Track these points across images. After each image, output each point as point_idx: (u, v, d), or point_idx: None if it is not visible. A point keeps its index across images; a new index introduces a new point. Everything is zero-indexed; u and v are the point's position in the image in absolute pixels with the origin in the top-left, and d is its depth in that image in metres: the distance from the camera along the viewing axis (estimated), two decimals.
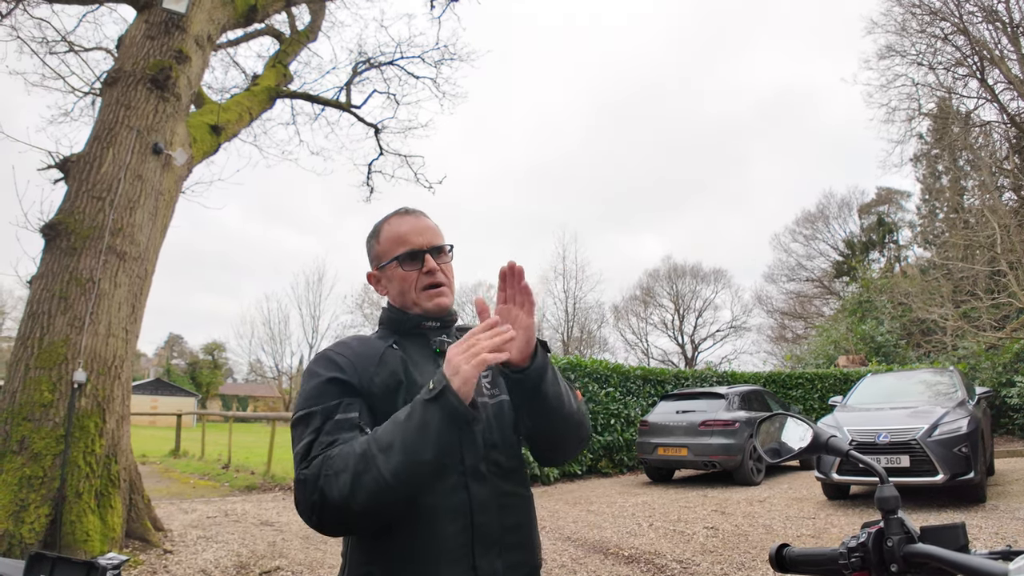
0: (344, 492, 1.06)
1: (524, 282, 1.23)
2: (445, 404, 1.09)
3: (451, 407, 1.09)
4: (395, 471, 1.06)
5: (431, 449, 1.08)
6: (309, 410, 1.19)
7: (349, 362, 1.25)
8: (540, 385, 1.22)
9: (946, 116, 22.31)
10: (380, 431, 1.12)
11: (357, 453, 1.09)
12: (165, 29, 6.11)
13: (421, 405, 1.11)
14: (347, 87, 10.82)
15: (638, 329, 45.50)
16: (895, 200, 35.37)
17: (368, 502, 1.06)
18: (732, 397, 10.40)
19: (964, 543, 0.96)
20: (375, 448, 1.08)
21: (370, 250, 1.44)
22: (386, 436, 1.10)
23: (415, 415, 1.10)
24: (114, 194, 5.45)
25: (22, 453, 4.66)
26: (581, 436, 1.37)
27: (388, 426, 1.12)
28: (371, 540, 1.20)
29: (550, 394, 1.24)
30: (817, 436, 1.19)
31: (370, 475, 1.06)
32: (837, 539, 5.83)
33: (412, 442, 1.08)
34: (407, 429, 1.09)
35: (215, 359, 55.97)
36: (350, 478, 1.06)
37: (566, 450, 1.38)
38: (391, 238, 1.37)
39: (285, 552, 5.66)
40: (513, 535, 1.26)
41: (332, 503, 1.06)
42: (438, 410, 1.09)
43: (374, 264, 1.43)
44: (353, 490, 1.06)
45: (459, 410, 1.09)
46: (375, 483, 1.06)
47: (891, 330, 22.29)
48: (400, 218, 1.41)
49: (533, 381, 1.22)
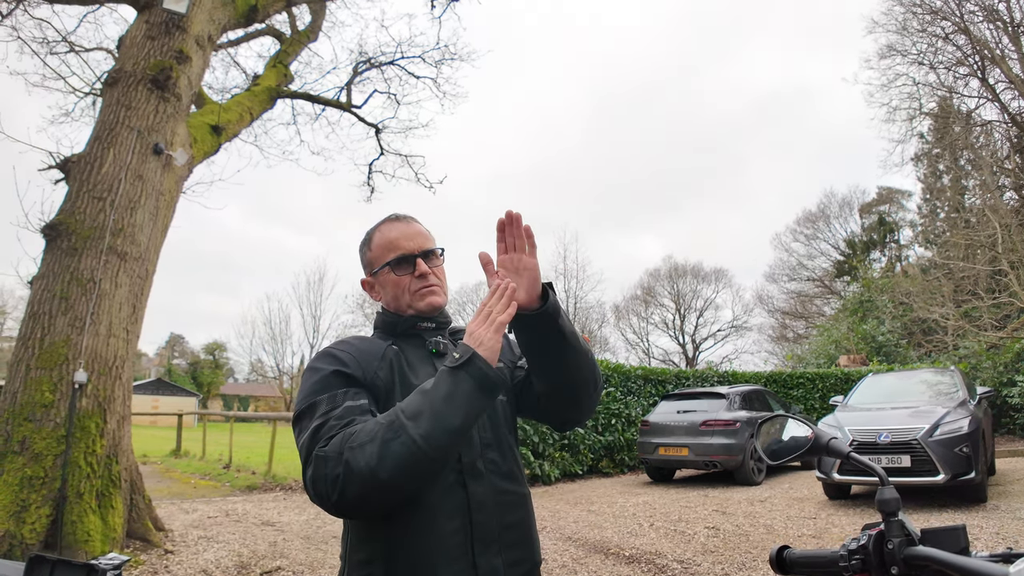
0: (372, 462, 1.05)
1: (525, 225, 1.25)
2: (474, 371, 1.12)
3: (480, 373, 1.12)
4: (426, 435, 1.06)
5: (460, 415, 1.10)
6: (313, 400, 1.19)
7: (352, 357, 1.26)
8: (557, 320, 1.24)
9: (947, 115, 22.29)
10: (405, 403, 1.13)
11: (383, 424, 1.09)
12: (166, 29, 6.11)
13: (448, 373, 1.13)
14: (348, 87, 10.82)
15: (639, 329, 45.54)
16: (896, 199, 35.38)
17: (396, 470, 1.05)
18: (733, 397, 10.40)
19: (965, 545, 0.96)
20: (403, 417, 1.09)
21: (363, 257, 1.47)
22: (413, 406, 1.11)
23: (442, 384, 1.12)
24: (115, 194, 5.45)
25: (23, 453, 4.67)
26: (597, 379, 1.37)
27: (414, 397, 1.13)
28: (370, 540, 1.20)
29: (567, 331, 1.26)
30: (818, 438, 1.19)
31: (399, 440, 1.06)
32: (838, 539, 5.83)
33: (441, 409, 1.09)
34: (435, 398, 1.10)
35: (216, 359, 56.02)
36: (378, 447, 1.06)
37: (586, 399, 1.37)
38: (382, 244, 1.40)
39: (286, 552, 5.66)
40: (512, 533, 1.27)
41: (358, 473, 1.05)
42: (467, 377, 1.11)
43: (367, 271, 1.46)
44: (382, 457, 1.05)
45: (489, 375, 1.12)
46: (405, 448, 1.05)
47: (892, 330, 22.27)
48: (390, 224, 1.43)
49: (550, 317, 1.23)
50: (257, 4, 7.53)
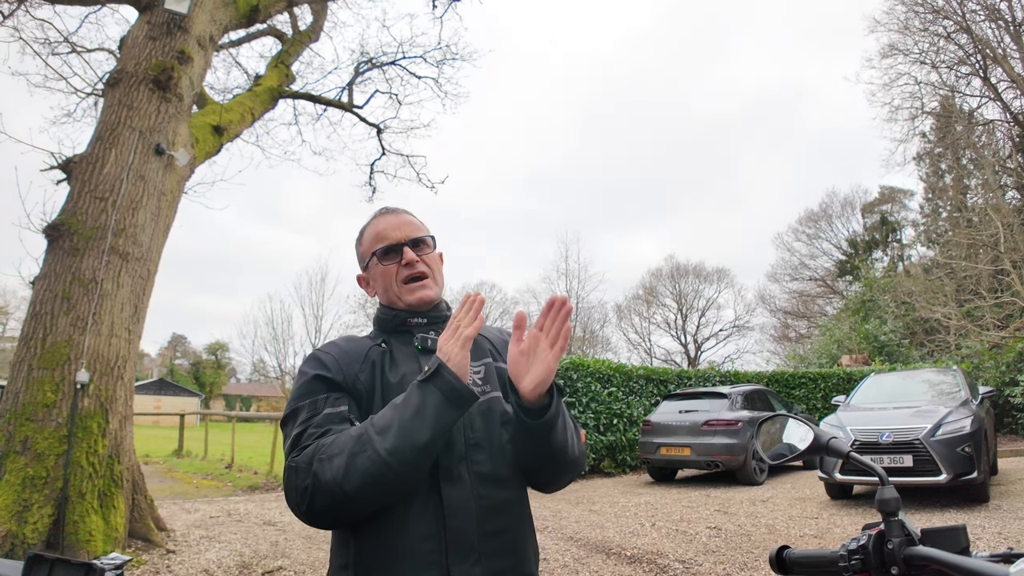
0: (338, 474, 1.06)
1: (567, 323, 1.20)
2: (441, 384, 1.11)
3: (448, 386, 1.11)
4: (391, 449, 1.07)
5: (427, 430, 1.09)
6: (296, 406, 1.21)
7: (334, 360, 1.26)
8: (548, 435, 1.20)
9: (949, 115, 22.26)
10: (377, 416, 1.13)
11: (353, 436, 1.10)
12: (167, 30, 6.12)
13: (417, 387, 1.13)
14: (349, 87, 10.82)
15: (641, 329, 45.50)
16: (898, 199, 35.33)
17: (362, 483, 1.06)
18: (735, 397, 10.39)
19: (965, 545, 0.96)
20: (372, 431, 1.10)
21: (357, 253, 1.47)
22: (382, 419, 1.11)
23: (412, 397, 1.12)
24: (116, 195, 5.46)
25: (25, 453, 4.67)
26: (573, 476, 1.35)
27: (385, 410, 1.14)
28: (347, 541, 1.20)
29: (555, 444, 1.22)
30: (818, 437, 1.19)
31: (365, 455, 1.07)
32: (840, 539, 5.82)
33: (408, 423, 1.09)
34: (403, 411, 1.11)
35: (218, 359, 56.05)
36: (344, 460, 1.07)
37: (554, 486, 1.36)
38: (371, 237, 1.41)
39: (288, 552, 5.67)
40: (494, 541, 1.19)
41: (324, 486, 1.06)
42: (434, 390, 1.11)
43: (361, 265, 1.46)
44: (347, 471, 1.06)
45: (456, 387, 1.11)
46: (370, 462, 1.06)
47: (894, 329, 22.22)
48: (380, 217, 1.44)
49: (541, 431, 1.19)
50: (258, 4, 7.53)
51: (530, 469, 1.28)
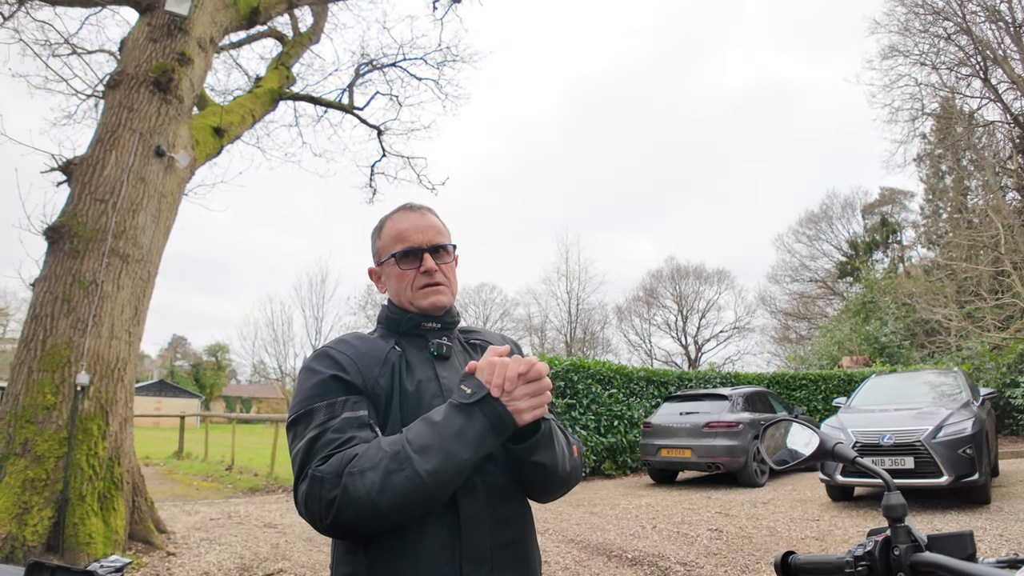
0: (372, 490, 1.03)
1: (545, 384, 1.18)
2: (489, 411, 1.09)
3: (495, 415, 1.09)
4: (432, 471, 1.04)
5: (469, 454, 1.07)
6: (311, 407, 1.14)
7: (351, 361, 1.20)
8: (532, 457, 1.19)
9: (949, 116, 22.26)
10: (412, 433, 1.09)
11: (388, 453, 1.06)
12: (168, 31, 6.12)
13: (460, 409, 1.09)
14: (350, 89, 10.83)
15: (641, 330, 45.49)
16: (898, 200, 35.32)
17: (396, 502, 1.03)
18: (736, 398, 10.38)
19: (972, 551, 0.95)
20: (410, 449, 1.06)
21: (373, 245, 1.41)
22: (420, 438, 1.08)
23: (453, 419, 1.09)
24: (117, 196, 5.46)
25: (25, 456, 4.67)
26: (566, 490, 1.34)
27: (421, 428, 1.10)
28: (355, 549, 1.16)
29: (542, 463, 1.21)
30: (823, 443, 1.18)
31: (403, 474, 1.03)
32: (842, 541, 5.81)
33: (451, 446, 1.06)
34: (445, 433, 1.07)
35: (219, 361, 56.04)
36: (380, 477, 1.03)
37: (547, 498, 1.34)
38: (391, 234, 1.34)
39: (288, 554, 5.66)
40: (507, 552, 1.19)
41: (356, 501, 1.03)
42: (481, 416, 1.08)
43: (375, 260, 1.40)
44: (383, 488, 1.03)
45: (503, 418, 1.09)
46: (409, 482, 1.03)
47: (895, 331, 22.21)
48: (403, 214, 1.37)
49: (525, 454, 1.19)
50: (259, 6, 7.54)
51: (520, 482, 1.26)
